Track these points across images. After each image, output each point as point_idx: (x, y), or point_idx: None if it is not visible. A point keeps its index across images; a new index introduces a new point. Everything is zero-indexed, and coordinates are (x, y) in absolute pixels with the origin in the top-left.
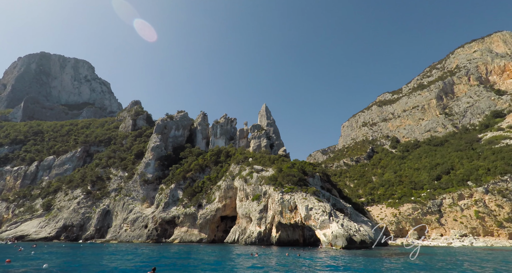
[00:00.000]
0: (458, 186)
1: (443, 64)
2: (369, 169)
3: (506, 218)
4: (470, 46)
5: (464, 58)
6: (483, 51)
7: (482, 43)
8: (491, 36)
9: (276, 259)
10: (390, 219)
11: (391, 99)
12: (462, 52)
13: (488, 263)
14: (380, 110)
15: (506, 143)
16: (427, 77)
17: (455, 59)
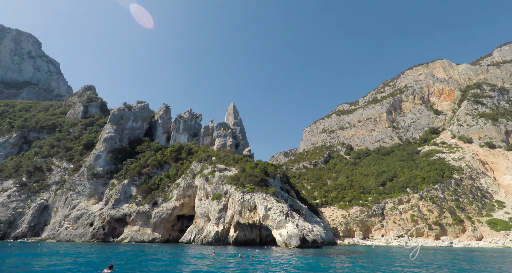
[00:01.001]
0: (399, 192)
1: (395, 82)
2: (325, 172)
3: (434, 222)
4: (417, 69)
5: (412, 79)
6: (427, 74)
7: (426, 68)
8: (434, 62)
9: (229, 259)
10: (340, 220)
11: (349, 110)
12: (410, 73)
13: (416, 260)
14: (338, 119)
15: (438, 156)
16: (381, 93)
17: (404, 79)
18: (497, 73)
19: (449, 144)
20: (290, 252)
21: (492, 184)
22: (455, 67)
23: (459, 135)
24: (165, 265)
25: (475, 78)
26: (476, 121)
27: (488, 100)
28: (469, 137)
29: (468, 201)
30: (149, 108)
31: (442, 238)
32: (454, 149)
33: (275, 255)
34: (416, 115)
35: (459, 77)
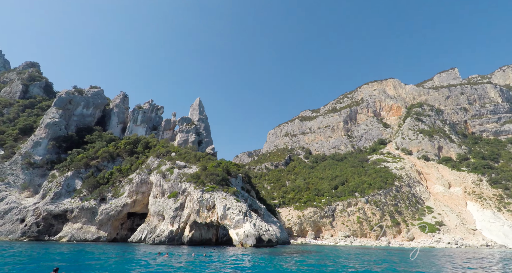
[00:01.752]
0: (348, 195)
1: (353, 95)
2: (285, 174)
3: (376, 223)
4: (372, 85)
5: (367, 93)
6: (380, 91)
7: (380, 84)
8: (387, 80)
9: (182, 259)
10: (295, 221)
11: (311, 116)
12: (366, 88)
13: (363, 257)
14: (301, 125)
15: (384, 165)
16: (340, 103)
17: (361, 92)
18: (436, 96)
19: (393, 154)
20: (244, 251)
21: (425, 191)
22: (403, 87)
23: (402, 147)
24: (114, 265)
25: (418, 98)
26: (416, 136)
27: (427, 119)
28: (410, 150)
29: (405, 206)
30: (103, 95)
31: (381, 238)
32: (397, 159)
33: (229, 254)
34: (368, 127)
35: (406, 96)
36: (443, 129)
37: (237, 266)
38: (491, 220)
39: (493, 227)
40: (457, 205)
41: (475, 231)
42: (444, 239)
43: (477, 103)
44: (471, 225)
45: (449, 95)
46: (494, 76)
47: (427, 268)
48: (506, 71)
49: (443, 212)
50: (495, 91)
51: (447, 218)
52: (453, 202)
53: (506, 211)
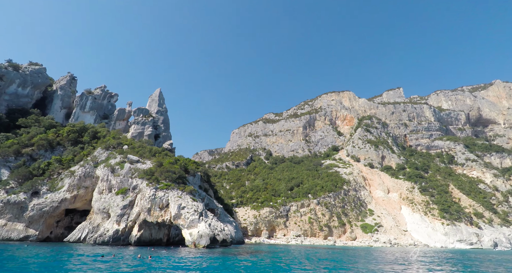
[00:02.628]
0: (302, 196)
1: (313, 102)
2: (245, 174)
3: (325, 224)
4: (331, 95)
5: (326, 102)
6: (337, 101)
7: (337, 95)
8: (343, 92)
9: (126, 261)
10: (251, 220)
11: (274, 119)
12: (325, 98)
13: (313, 255)
14: (264, 126)
15: (335, 170)
16: (301, 109)
17: (320, 101)
18: (383, 110)
19: (344, 160)
20: (197, 252)
21: (368, 196)
22: (357, 100)
23: (351, 154)
24: (44, 267)
25: (369, 111)
26: (364, 146)
27: (374, 130)
28: (358, 157)
29: (350, 208)
30: (46, 74)
31: (329, 238)
32: (347, 165)
33: (179, 255)
34: (324, 134)
35: (359, 108)
36: (386, 141)
37: (186, 267)
38: (419, 222)
39: (420, 229)
40: (393, 208)
41: (406, 232)
42: (381, 238)
43: (415, 120)
44: (403, 226)
45: (394, 111)
46: (430, 98)
47: (366, 264)
48: (439, 95)
49: (382, 214)
50: (429, 112)
51: (384, 220)
52: (390, 206)
53: (431, 215)
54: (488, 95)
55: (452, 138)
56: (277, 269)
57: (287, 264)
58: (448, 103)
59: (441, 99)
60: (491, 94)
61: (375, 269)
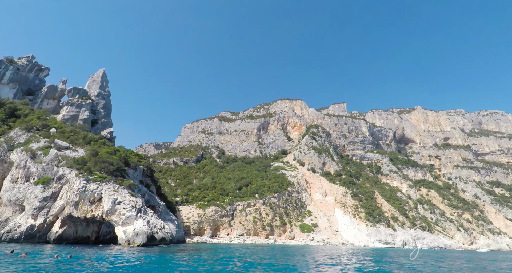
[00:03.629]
0: (250, 196)
1: (268, 106)
2: (194, 171)
3: (267, 223)
4: (285, 102)
5: (280, 108)
6: (290, 108)
7: (291, 103)
8: (296, 100)
9: (40, 261)
10: (195, 219)
11: (230, 118)
12: (280, 103)
13: (254, 253)
14: (219, 124)
15: (282, 172)
16: (257, 112)
17: (275, 106)
18: (328, 122)
19: (291, 164)
20: (129, 250)
21: (308, 198)
22: (307, 109)
23: (298, 159)
24: None
25: (316, 121)
26: (309, 152)
27: (319, 139)
28: (303, 162)
29: (292, 208)
30: None
31: (270, 237)
32: (293, 169)
33: (109, 253)
34: (276, 137)
35: (308, 117)
36: (328, 149)
37: (112, 265)
38: (348, 224)
39: (348, 229)
40: (329, 210)
41: (337, 232)
42: (315, 238)
43: (353, 133)
44: (335, 227)
45: (337, 123)
46: (367, 115)
47: (293, 262)
48: (374, 113)
49: (318, 215)
50: (365, 127)
51: (320, 221)
52: (326, 208)
53: (358, 218)
54: (410, 118)
55: (381, 151)
56: (213, 266)
57: (224, 262)
58: (380, 121)
59: (375, 117)
60: (413, 117)
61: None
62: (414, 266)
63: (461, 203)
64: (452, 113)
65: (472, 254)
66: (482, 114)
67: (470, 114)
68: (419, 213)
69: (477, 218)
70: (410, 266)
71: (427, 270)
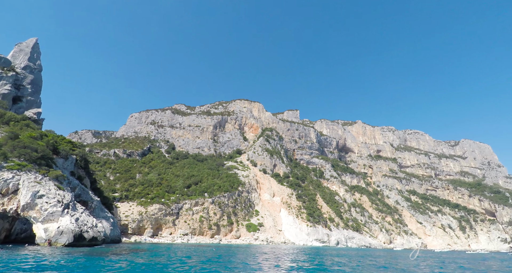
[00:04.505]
0: (198, 195)
1: (227, 104)
2: (138, 165)
3: (214, 223)
4: (244, 102)
5: (239, 108)
6: (248, 109)
7: (249, 104)
8: (255, 102)
9: None
10: (135, 217)
11: (185, 112)
12: (239, 103)
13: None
14: (172, 117)
15: (235, 172)
16: (215, 109)
17: (234, 105)
18: (282, 126)
19: (244, 164)
20: (49, 251)
21: (257, 198)
22: (264, 112)
23: (251, 159)
24: None
25: (271, 124)
26: (262, 153)
27: (272, 141)
28: (256, 162)
29: (240, 208)
30: None
31: (215, 236)
32: (246, 169)
33: (14, 254)
34: (232, 136)
35: (264, 120)
36: (280, 152)
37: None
38: (291, 223)
39: (291, 229)
40: (275, 210)
41: (281, 231)
42: (260, 237)
43: (303, 139)
44: (280, 227)
45: (289, 128)
46: (316, 123)
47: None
48: (322, 122)
49: (265, 215)
50: (314, 134)
51: (266, 221)
52: (273, 208)
53: (301, 218)
54: (352, 130)
55: (325, 158)
56: (150, 266)
57: (163, 263)
58: (327, 130)
59: (323, 126)
60: (354, 130)
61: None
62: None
63: (385, 207)
64: (385, 129)
65: (391, 251)
66: (407, 133)
67: (398, 131)
68: (351, 215)
69: (396, 221)
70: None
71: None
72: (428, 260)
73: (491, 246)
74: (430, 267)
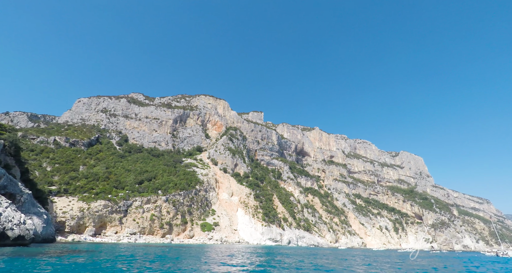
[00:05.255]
0: (151, 192)
1: (191, 99)
2: (83, 157)
3: (167, 222)
4: (209, 98)
5: (203, 104)
6: (213, 106)
7: (215, 101)
8: (220, 100)
9: None
10: (74, 214)
11: (143, 102)
12: (204, 99)
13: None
14: (127, 106)
15: (193, 169)
16: (177, 102)
17: (198, 100)
18: (246, 126)
19: (204, 162)
20: None
21: (215, 197)
22: (230, 111)
23: (212, 157)
24: None
25: (236, 123)
26: (224, 152)
27: (236, 141)
28: (217, 161)
29: (196, 207)
30: None
31: (167, 236)
32: (205, 167)
33: None
34: (193, 133)
35: (229, 119)
36: (242, 152)
37: None
38: (247, 223)
39: (246, 229)
40: (232, 210)
41: (236, 231)
42: (214, 236)
43: (265, 140)
44: (235, 226)
45: (253, 129)
46: (278, 127)
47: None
48: (284, 126)
49: (221, 215)
50: (275, 137)
51: (222, 220)
52: (230, 207)
53: (256, 218)
54: (310, 136)
55: (284, 160)
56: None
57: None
58: (287, 134)
59: (284, 130)
60: (312, 135)
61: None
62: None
63: (334, 209)
64: (339, 137)
65: (336, 250)
66: (357, 142)
67: (350, 140)
68: (304, 215)
69: (342, 221)
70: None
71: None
72: (368, 258)
73: (417, 245)
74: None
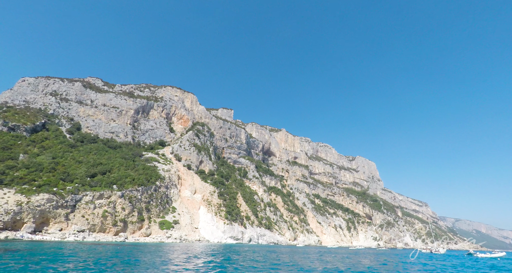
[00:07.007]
0: (105, 187)
1: (155, 89)
2: (24, 144)
3: (121, 219)
4: (176, 91)
5: (168, 96)
6: (180, 98)
7: (182, 94)
8: (188, 93)
9: None
10: (9, 208)
11: (101, 88)
12: (170, 91)
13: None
14: (82, 91)
15: (154, 164)
16: (140, 91)
17: (164, 92)
18: (215, 123)
19: (167, 157)
20: None
21: (176, 194)
22: (198, 105)
23: (175, 153)
24: None
25: (204, 119)
26: (189, 148)
27: (202, 137)
28: (181, 157)
29: (156, 204)
30: None
31: (120, 234)
32: (168, 162)
33: None
34: (156, 125)
35: (196, 113)
36: (209, 149)
37: None
38: (209, 221)
39: (208, 227)
40: (194, 208)
41: (197, 229)
42: (173, 235)
43: (234, 138)
44: (196, 224)
45: (222, 126)
46: (247, 126)
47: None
48: (253, 125)
49: (182, 212)
50: (244, 136)
51: (183, 218)
52: (192, 205)
53: (219, 216)
54: (277, 136)
55: (251, 159)
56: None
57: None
58: (256, 134)
59: (253, 129)
60: (279, 136)
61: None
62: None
63: (295, 208)
64: (303, 140)
65: (295, 248)
66: (319, 145)
67: (312, 143)
68: (266, 214)
69: (302, 220)
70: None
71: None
72: (326, 254)
73: (366, 243)
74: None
